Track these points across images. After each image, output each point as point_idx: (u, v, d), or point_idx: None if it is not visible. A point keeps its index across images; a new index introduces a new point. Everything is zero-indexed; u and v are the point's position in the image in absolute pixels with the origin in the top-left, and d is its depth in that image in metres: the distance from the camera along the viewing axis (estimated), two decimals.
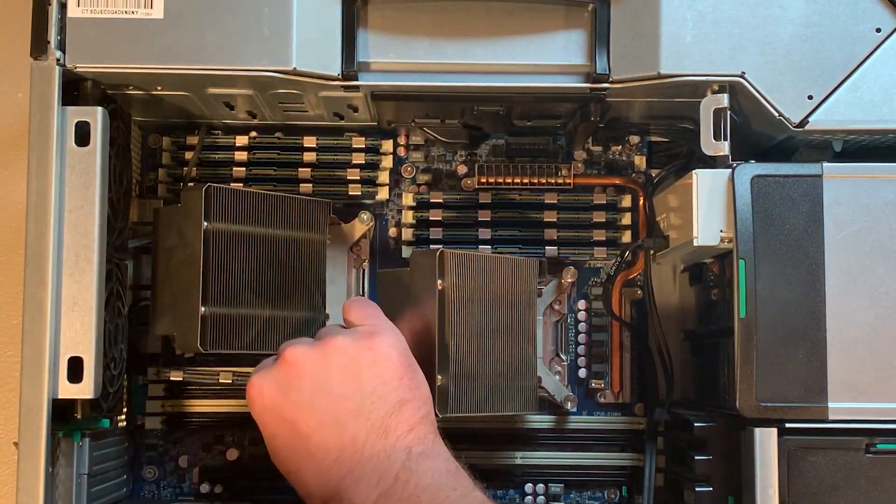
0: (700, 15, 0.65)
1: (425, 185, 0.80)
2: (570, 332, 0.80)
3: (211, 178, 0.77)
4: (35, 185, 0.62)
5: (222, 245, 0.68)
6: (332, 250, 0.78)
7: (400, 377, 0.61)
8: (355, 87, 0.68)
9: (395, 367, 0.61)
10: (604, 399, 0.79)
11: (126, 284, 0.72)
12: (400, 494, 0.57)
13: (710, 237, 0.65)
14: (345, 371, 0.60)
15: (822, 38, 0.66)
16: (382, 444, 0.58)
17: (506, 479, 0.79)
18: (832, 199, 0.64)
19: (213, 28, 0.64)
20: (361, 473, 0.58)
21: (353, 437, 0.58)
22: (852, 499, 0.63)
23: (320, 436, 0.59)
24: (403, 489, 0.57)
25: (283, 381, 0.60)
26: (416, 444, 0.58)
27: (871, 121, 0.66)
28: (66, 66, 0.64)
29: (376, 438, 0.58)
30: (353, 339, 0.61)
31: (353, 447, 0.58)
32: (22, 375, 0.61)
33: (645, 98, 0.70)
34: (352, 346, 0.61)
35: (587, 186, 0.79)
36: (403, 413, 0.60)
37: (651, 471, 0.75)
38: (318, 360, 0.60)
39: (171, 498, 0.79)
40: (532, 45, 0.68)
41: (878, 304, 0.64)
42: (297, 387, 0.60)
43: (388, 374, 0.61)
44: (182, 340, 0.69)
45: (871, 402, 0.63)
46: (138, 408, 0.78)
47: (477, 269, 0.69)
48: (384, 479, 0.57)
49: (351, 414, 0.59)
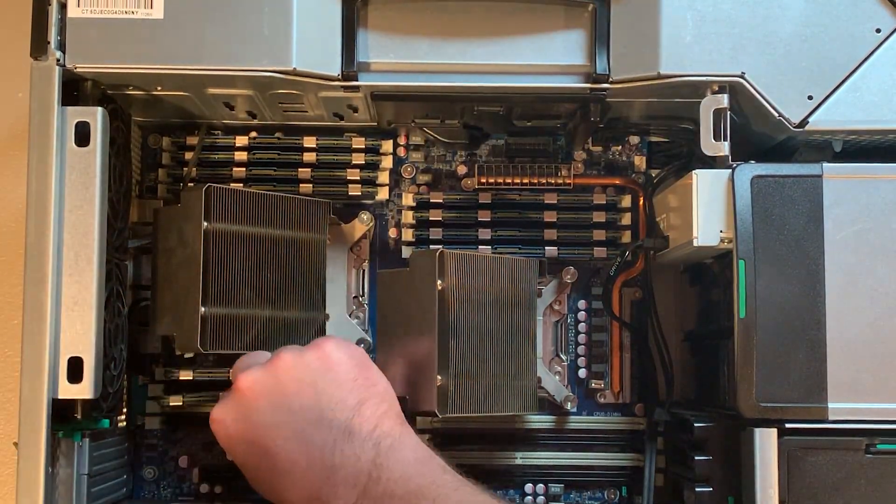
0: (700, 15, 0.65)
1: (425, 185, 0.80)
2: (570, 332, 0.80)
3: (211, 179, 0.77)
4: (35, 185, 0.62)
5: (222, 245, 0.68)
6: (332, 250, 0.78)
7: (354, 378, 0.62)
8: (355, 87, 0.68)
9: (348, 369, 0.62)
10: (604, 399, 0.79)
11: (126, 284, 0.72)
12: (374, 491, 0.57)
13: (709, 237, 0.65)
14: (299, 383, 0.61)
15: (822, 38, 0.66)
16: (350, 447, 0.59)
17: (506, 479, 0.79)
18: (832, 200, 0.64)
19: (213, 28, 0.64)
20: (337, 480, 0.58)
21: (320, 447, 0.59)
22: (852, 499, 0.63)
23: (287, 451, 0.59)
24: (376, 486, 0.57)
25: (242, 407, 0.61)
26: (384, 439, 0.59)
27: (871, 121, 0.66)
28: (66, 67, 0.64)
29: (343, 443, 0.59)
30: (300, 351, 0.62)
31: (322, 456, 0.59)
32: (22, 375, 0.61)
33: (645, 98, 0.70)
34: (300, 358, 0.62)
35: (587, 186, 0.79)
36: (364, 412, 0.60)
37: (651, 471, 0.75)
38: (271, 379, 0.61)
39: (171, 498, 0.79)
40: (532, 45, 0.68)
41: (878, 304, 0.64)
42: (256, 409, 0.60)
43: (341, 377, 0.61)
44: (182, 340, 0.69)
45: (870, 403, 0.63)
46: (138, 408, 0.78)
47: (477, 270, 0.69)
48: (359, 480, 0.58)
49: (313, 424, 0.59)
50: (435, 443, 0.78)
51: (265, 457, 0.60)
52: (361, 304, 0.79)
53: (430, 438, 0.78)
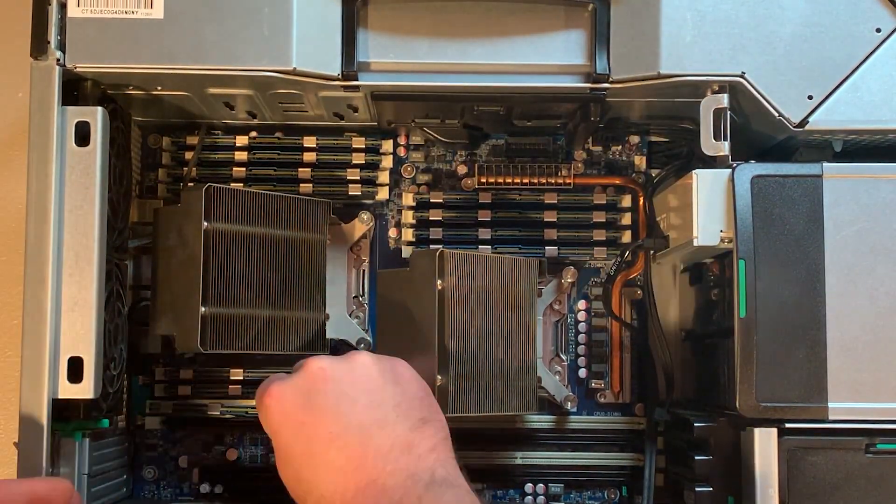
0: (700, 15, 0.65)
1: (425, 185, 0.80)
2: (570, 332, 0.80)
3: (211, 178, 0.77)
4: (35, 185, 0.62)
5: (222, 245, 0.68)
6: (332, 250, 0.78)
7: (421, 398, 0.61)
8: (355, 87, 0.68)
9: (416, 388, 0.62)
10: (604, 399, 0.79)
11: (126, 284, 0.72)
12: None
13: (709, 237, 0.65)
14: (370, 382, 0.60)
15: (822, 38, 0.66)
16: (406, 459, 0.57)
17: (506, 479, 0.79)
18: (832, 199, 0.64)
19: (213, 28, 0.64)
20: (384, 486, 0.56)
21: (377, 446, 0.57)
22: (852, 499, 0.63)
23: (344, 441, 0.57)
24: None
25: (306, 389, 0.59)
26: (439, 468, 0.57)
27: (871, 121, 0.66)
28: (66, 66, 0.64)
29: (400, 452, 0.57)
30: (376, 358, 0.62)
31: (377, 457, 0.57)
32: (22, 375, 0.61)
33: (645, 98, 0.70)
34: (376, 363, 0.61)
35: (587, 186, 0.79)
36: (426, 430, 0.59)
37: (651, 471, 0.75)
38: (345, 370, 0.60)
39: (171, 498, 0.79)
40: (532, 45, 0.68)
41: (878, 304, 0.64)
42: (322, 392, 0.59)
43: (410, 393, 0.61)
44: (182, 340, 0.68)
45: (870, 402, 0.63)
46: (138, 408, 0.78)
47: (477, 270, 0.69)
48: (407, 497, 0.55)
49: (376, 423, 0.58)
50: None
51: (315, 441, 0.58)
52: (361, 304, 0.79)
53: None
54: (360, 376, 0.60)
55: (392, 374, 0.61)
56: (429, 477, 0.56)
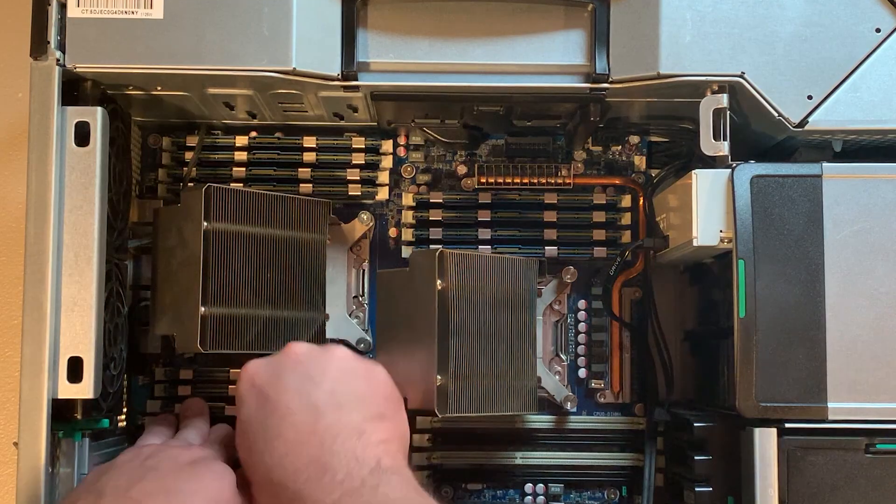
0: (700, 15, 0.66)
1: (425, 185, 0.80)
2: (570, 332, 0.80)
3: (211, 178, 0.77)
4: (35, 185, 0.62)
5: (222, 245, 0.68)
6: (332, 250, 0.78)
7: (387, 397, 0.63)
8: (355, 87, 0.68)
9: (385, 389, 0.64)
10: (604, 399, 0.79)
11: (126, 284, 0.72)
12: (369, 498, 0.56)
13: (709, 237, 0.65)
14: (339, 371, 0.62)
15: (821, 38, 0.66)
16: (353, 443, 0.58)
17: (506, 479, 0.79)
18: (832, 199, 0.64)
19: (213, 28, 0.64)
20: (327, 465, 0.57)
21: (327, 425, 0.59)
22: (852, 499, 0.63)
23: (297, 417, 0.59)
24: (372, 494, 0.56)
25: (279, 367, 0.62)
26: (386, 458, 0.58)
27: (870, 121, 0.66)
28: (66, 66, 0.64)
29: (348, 435, 0.59)
30: (356, 355, 0.64)
31: (325, 436, 0.58)
32: (22, 375, 0.61)
33: (645, 98, 0.70)
34: (353, 358, 0.64)
35: (587, 186, 0.79)
36: (381, 424, 0.61)
37: (651, 471, 0.75)
38: (319, 356, 0.63)
39: None
40: (532, 45, 0.68)
41: (878, 304, 0.64)
42: (291, 371, 0.62)
43: (377, 390, 0.63)
44: (182, 340, 0.69)
45: (870, 402, 0.63)
46: (138, 408, 0.78)
47: (477, 269, 0.69)
48: (350, 479, 0.57)
49: (333, 406, 0.60)
50: (435, 443, 0.78)
51: (273, 415, 0.60)
52: (361, 304, 0.79)
53: (430, 438, 0.78)
54: (332, 364, 0.62)
55: (365, 371, 0.63)
56: (374, 463, 0.58)
